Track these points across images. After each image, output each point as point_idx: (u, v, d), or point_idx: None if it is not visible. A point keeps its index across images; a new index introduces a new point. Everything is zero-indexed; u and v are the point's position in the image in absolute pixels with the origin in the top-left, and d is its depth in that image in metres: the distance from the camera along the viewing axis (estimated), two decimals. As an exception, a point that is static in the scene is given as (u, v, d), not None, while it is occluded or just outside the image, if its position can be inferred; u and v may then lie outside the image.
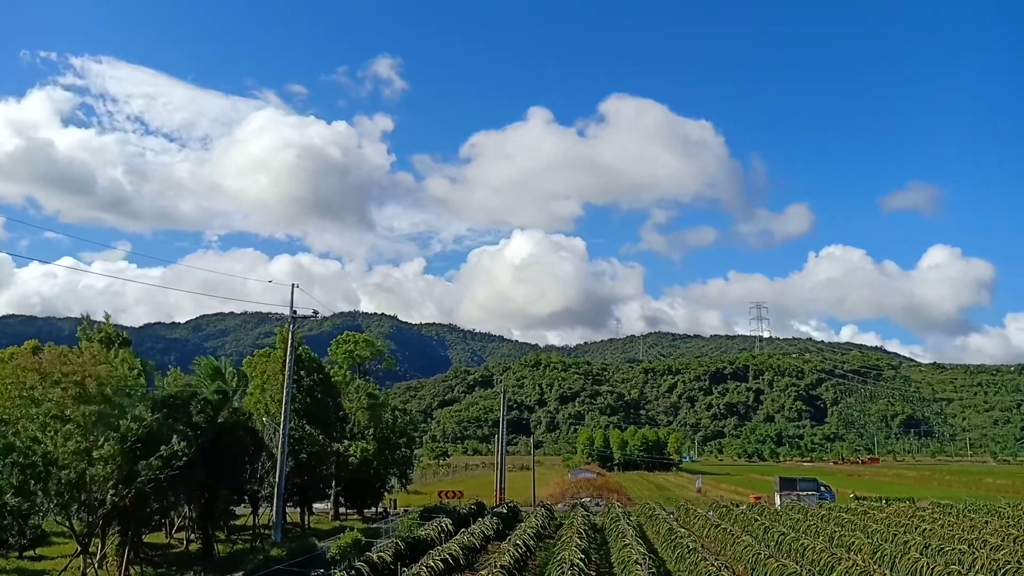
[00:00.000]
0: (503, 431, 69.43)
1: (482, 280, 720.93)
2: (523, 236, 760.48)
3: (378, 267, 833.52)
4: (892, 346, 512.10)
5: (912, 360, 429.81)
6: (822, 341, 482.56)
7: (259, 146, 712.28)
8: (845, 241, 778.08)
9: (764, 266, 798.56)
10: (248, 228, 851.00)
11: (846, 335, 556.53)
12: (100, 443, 26.12)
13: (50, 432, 25.59)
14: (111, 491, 26.17)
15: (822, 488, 65.48)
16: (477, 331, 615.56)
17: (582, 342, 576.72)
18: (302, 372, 45.66)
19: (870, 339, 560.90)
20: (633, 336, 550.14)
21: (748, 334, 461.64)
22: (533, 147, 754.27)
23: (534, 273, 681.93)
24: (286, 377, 37.55)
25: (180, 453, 28.12)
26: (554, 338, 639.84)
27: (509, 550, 28.62)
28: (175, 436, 28.77)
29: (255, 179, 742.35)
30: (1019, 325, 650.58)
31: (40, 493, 25.50)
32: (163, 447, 27.67)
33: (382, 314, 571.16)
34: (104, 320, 35.65)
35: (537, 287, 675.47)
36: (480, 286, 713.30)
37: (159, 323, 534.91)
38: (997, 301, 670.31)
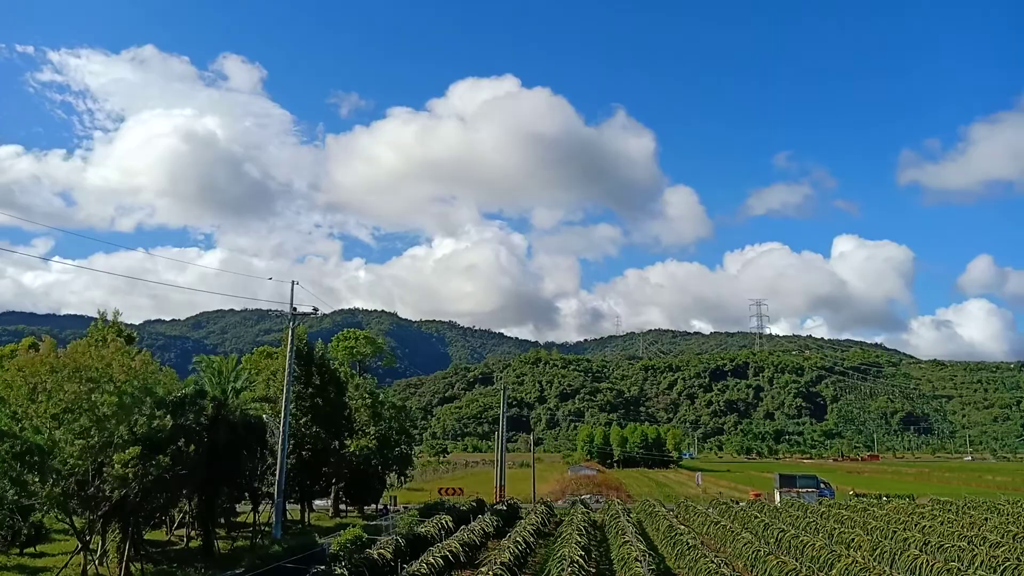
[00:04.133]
0: (503, 428, 69.46)
1: (419, 280, 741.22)
2: (445, 238, 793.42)
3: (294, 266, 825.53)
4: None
5: (912, 357, 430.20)
6: (822, 338, 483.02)
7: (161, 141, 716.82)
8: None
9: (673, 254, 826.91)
10: (151, 223, 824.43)
11: (786, 330, 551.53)
12: (120, 441, 26.12)
13: (61, 427, 25.53)
14: (122, 489, 26.14)
15: (821, 485, 65.52)
16: (477, 328, 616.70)
17: (580, 339, 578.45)
18: (312, 369, 45.72)
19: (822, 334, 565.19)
20: (633, 333, 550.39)
21: (748, 331, 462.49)
22: (402, 147, 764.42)
23: (473, 271, 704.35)
24: (286, 374, 37.58)
25: (186, 451, 28.19)
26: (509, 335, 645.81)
27: (509, 547, 28.65)
28: (181, 434, 28.82)
29: (151, 175, 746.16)
30: (951, 318, 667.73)
31: (39, 485, 25.38)
32: (170, 446, 27.74)
33: (382, 311, 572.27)
34: (112, 317, 35.53)
35: (473, 285, 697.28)
36: (418, 285, 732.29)
37: (159, 320, 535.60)
38: (928, 293, 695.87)
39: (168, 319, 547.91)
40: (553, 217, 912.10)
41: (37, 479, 25.22)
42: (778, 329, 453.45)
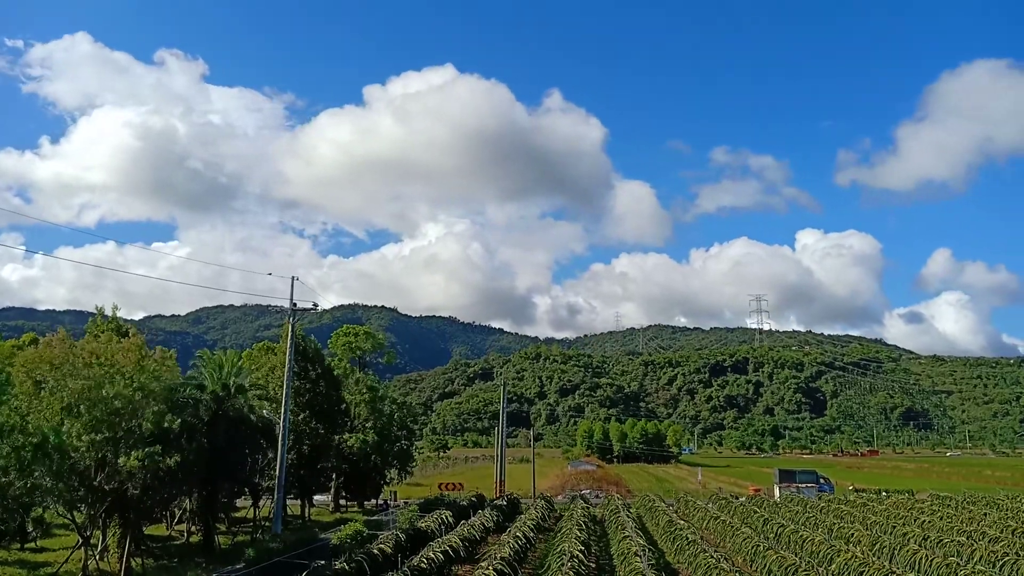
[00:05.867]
0: (503, 423, 69.50)
1: (389, 276, 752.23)
2: (410, 236, 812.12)
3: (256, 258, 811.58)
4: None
5: (912, 353, 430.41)
6: (822, 333, 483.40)
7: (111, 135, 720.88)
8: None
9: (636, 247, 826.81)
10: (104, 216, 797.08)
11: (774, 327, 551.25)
12: (125, 436, 26.17)
13: (68, 422, 25.51)
14: (126, 483, 26.17)
15: (821, 480, 65.67)
16: (477, 323, 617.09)
17: (581, 334, 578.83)
18: (308, 365, 45.72)
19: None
20: (633, 328, 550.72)
21: (748, 326, 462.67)
22: (346, 145, 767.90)
23: (443, 268, 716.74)
24: (286, 370, 37.57)
25: (188, 447, 28.26)
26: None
27: (509, 542, 28.68)
28: (184, 430, 28.88)
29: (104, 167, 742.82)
30: (924, 311, 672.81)
31: (47, 479, 25.39)
32: (176, 442, 27.83)
33: (382, 306, 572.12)
34: (112, 313, 35.50)
35: (444, 281, 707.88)
36: (388, 281, 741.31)
37: (159, 315, 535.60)
38: (895, 287, 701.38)
39: (168, 314, 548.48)
40: (507, 213, 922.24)
41: (47, 474, 25.24)
42: (757, 324, 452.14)
